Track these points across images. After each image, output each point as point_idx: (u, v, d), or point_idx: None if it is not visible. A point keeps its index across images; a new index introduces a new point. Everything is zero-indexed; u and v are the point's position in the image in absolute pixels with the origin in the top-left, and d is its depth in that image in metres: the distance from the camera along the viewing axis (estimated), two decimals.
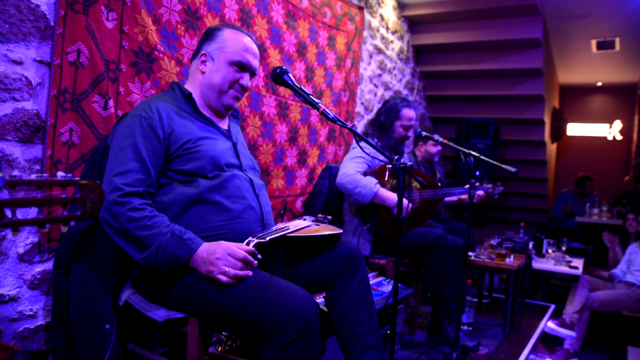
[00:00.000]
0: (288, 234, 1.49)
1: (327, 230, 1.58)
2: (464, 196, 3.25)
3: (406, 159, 3.16)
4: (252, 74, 1.61)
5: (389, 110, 2.77)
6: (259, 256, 1.34)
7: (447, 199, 3.20)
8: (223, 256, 1.30)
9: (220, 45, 1.55)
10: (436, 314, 2.66)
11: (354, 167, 2.58)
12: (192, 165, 1.44)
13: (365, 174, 2.62)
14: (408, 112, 2.75)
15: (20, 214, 1.62)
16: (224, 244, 1.33)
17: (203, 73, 1.57)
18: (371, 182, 2.51)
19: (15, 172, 1.52)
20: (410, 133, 2.79)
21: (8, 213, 0.65)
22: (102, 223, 1.35)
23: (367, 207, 2.64)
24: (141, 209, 1.32)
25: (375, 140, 2.79)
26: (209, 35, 1.59)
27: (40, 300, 1.67)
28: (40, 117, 1.62)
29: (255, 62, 1.60)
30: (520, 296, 3.94)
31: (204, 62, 1.57)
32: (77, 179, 0.72)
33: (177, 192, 1.43)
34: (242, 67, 1.56)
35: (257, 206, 1.54)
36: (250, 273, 1.32)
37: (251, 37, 1.61)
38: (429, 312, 2.79)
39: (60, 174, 0.71)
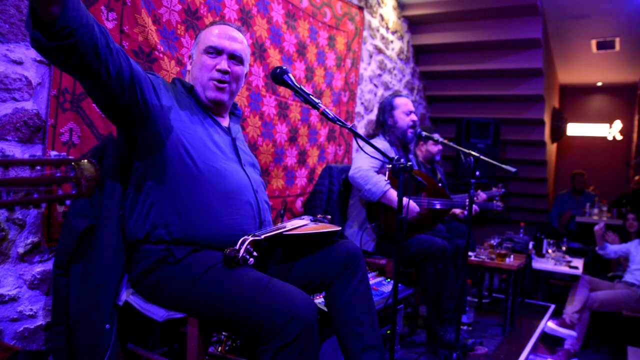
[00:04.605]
0: (285, 232, 1.49)
1: (326, 228, 1.58)
2: (458, 211, 3.26)
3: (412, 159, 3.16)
4: (232, 56, 1.58)
5: (383, 108, 2.83)
6: (255, 254, 1.35)
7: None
8: None
9: (196, 42, 1.63)
10: (432, 321, 2.66)
11: (369, 163, 2.59)
12: (188, 155, 1.45)
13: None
14: (401, 99, 2.81)
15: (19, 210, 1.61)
16: None
17: (189, 73, 1.64)
18: (381, 180, 2.53)
19: (15, 172, 1.52)
20: (415, 119, 2.79)
21: (3, 194, 0.64)
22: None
23: (374, 207, 2.65)
24: None
25: (387, 137, 2.78)
26: (195, 39, 1.66)
27: (40, 300, 1.67)
28: (40, 117, 1.62)
29: (231, 44, 1.57)
30: (520, 296, 3.94)
31: (191, 63, 1.64)
32: (71, 157, 0.71)
33: (173, 183, 1.43)
34: (216, 51, 1.56)
35: (255, 202, 1.54)
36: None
37: (229, 24, 1.63)
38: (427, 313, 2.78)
39: (53, 152, 0.70)
